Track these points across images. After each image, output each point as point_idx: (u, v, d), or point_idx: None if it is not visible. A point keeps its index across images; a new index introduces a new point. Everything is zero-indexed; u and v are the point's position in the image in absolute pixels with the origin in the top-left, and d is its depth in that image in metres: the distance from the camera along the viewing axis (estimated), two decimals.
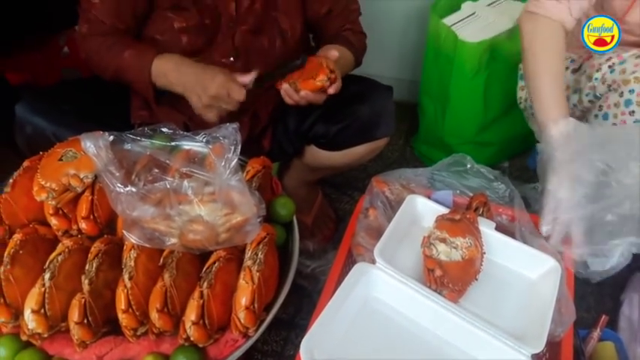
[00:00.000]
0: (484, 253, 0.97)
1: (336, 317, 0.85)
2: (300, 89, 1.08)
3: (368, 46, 1.35)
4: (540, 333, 0.82)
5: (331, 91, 1.08)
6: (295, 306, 1.32)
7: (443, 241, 0.94)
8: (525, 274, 0.98)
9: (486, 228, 1.00)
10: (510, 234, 1.02)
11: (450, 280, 0.89)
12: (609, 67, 1.11)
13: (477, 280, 0.93)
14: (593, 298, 1.35)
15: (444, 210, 1.04)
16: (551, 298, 0.89)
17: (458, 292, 0.89)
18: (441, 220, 0.99)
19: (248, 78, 1.09)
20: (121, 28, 1.13)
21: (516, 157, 1.81)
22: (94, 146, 0.90)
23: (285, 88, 1.10)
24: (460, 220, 0.98)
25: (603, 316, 1.19)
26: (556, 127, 1.02)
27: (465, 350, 0.85)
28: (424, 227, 1.02)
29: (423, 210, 1.06)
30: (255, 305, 0.87)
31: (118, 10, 1.11)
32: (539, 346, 0.80)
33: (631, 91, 1.05)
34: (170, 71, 1.09)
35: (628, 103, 1.06)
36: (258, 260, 0.89)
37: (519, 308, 0.92)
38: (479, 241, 0.97)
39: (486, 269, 0.96)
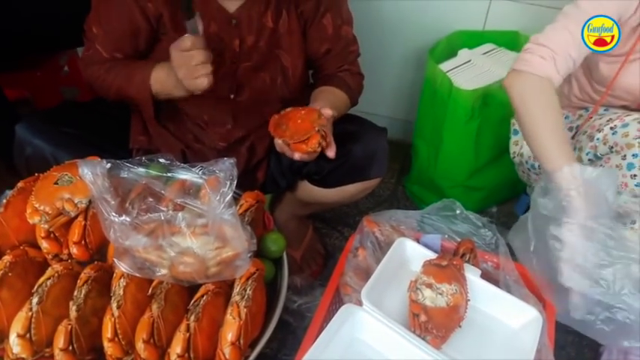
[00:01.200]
0: (468, 300, 0.98)
1: (322, 357, 0.86)
2: (293, 151, 1.06)
3: (366, 85, 1.37)
4: None
5: (330, 154, 1.07)
6: (279, 341, 1.31)
7: (429, 286, 0.96)
8: (508, 322, 1.00)
9: (472, 275, 1.02)
10: (495, 281, 1.05)
11: (434, 326, 0.90)
12: (611, 128, 1.13)
13: (460, 327, 0.95)
14: (573, 349, 1.36)
15: (431, 255, 1.05)
16: (532, 347, 0.91)
17: (441, 339, 0.90)
18: (428, 266, 1.01)
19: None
20: (120, 58, 1.16)
21: (504, 203, 1.84)
22: (91, 173, 0.91)
23: (279, 144, 1.07)
24: (447, 266, 1.00)
25: None
26: (562, 175, 1.00)
27: None
28: (412, 271, 1.04)
29: (412, 254, 1.08)
30: (241, 341, 0.87)
31: (119, 43, 1.15)
32: None
33: (634, 155, 1.07)
34: (165, 77, 1.10)
35: (630, 166, 1.08)
36: (246, 296, 0.90)
37: (500, 357, 0.93)
38: (464, 288, 0.98)
39: (470, 316, 0.97)
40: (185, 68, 1.02)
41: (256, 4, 1.14)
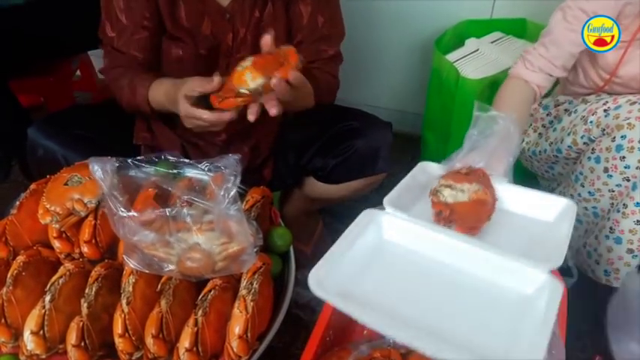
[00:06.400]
0: (496, 199, 0.95)
1: (345, 256, 0.82)
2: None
3: (372, 78, 1.35)
4: (561, 251, 0.80)
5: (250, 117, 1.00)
6: (291, 335, 1.32)
7: (449, 187, 0.93)
8: (541, 217, 0.96)
9: (497, 183, 0.98)
10: None
11: (458, 217, 0.88)
12: (604, 110, 1.12)
13: (489, 220, 0.92)
14: (589, 338, 1.34)
15: None
16: (567, 235, 0.87)
17: (468, 229, 0.88)
18: (448, 174, 0.97)
19: (213, 85, 0.99)
20: (140, 58, 1.17)
21: None
22: (100, 170, 0.92)
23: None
24: (468, 173, 0.96)
25: (597, 358, 1.19)
26: None
27: (481, 277, 0.82)
28: None
29: (435, 174, 1.03)
30: (249, 334, 0.88)
31: (135, 41, 1.16)
32: (559, 261, 0.78)
33: (623, 137, 1.07)
34: (162, 101, 1.11)
35: (619, 148, 1.08)
36: (253, 290, 0.91)
37: (536, 247, 0.89)
38: (489, 189, 0.95)
39: (501, 218, 0.94)
40: (200, 128, 1.05)
41: None
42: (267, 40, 0.99)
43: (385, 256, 0.87)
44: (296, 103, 1.05)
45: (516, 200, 0.98)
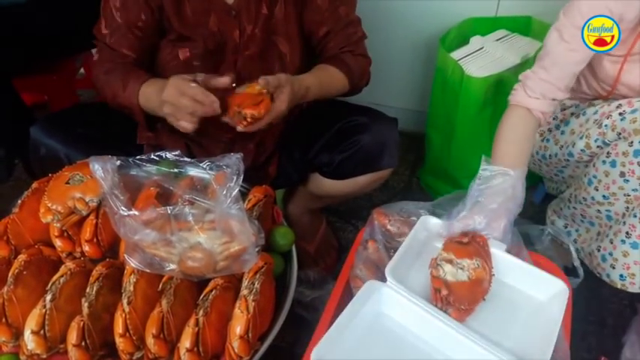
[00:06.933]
0: (493, 274, 0.97)
1: (346, 332, 0.86)
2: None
3: (376, 77, 1.34)
4: (545, 352, 0.83)
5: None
6: (294, 335, 1.31)
7: (449, 262, 0.94)
8: (534, 295, 0.98)
9: (497, 249, 1.00)
10: None
11: (455, 299, 0.89)
12: (620, 114, 1.10)
13: (484, 300, 0.93)
14: (594, 339, 1.33)
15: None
16: (559, 319, 0.89)
17: (464, 312, 0.89)
18: (448, 243, 0.99)
19: (222, 80, 1.04)
20: (132, 57, 1.17)
21: None
22: (101, 169, 0.92)
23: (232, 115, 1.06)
24: (468, 243, 0.98)
25: (602, 358, 1.18)
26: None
27: None
28: (436, 247, 1.02)
29: (437, 231, 1.06)
30: (250, 335, 0.87)
31: (127, 39, 1.16)
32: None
33: None
34: (152, 96, 1.10)
35: (637, 153, 1.06)
36: (254, 290, 0.90)
37: (527, 329, 0.92)
38: (487, 262, 0.96)
39: (495, 290, 0.96)
40: (173, 108, 1.02)
41: None
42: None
43: (382, 332, 0.91)
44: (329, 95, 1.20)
45: (512, 273, 1.00)
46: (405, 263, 0.97)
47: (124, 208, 0.90)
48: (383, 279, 1.02)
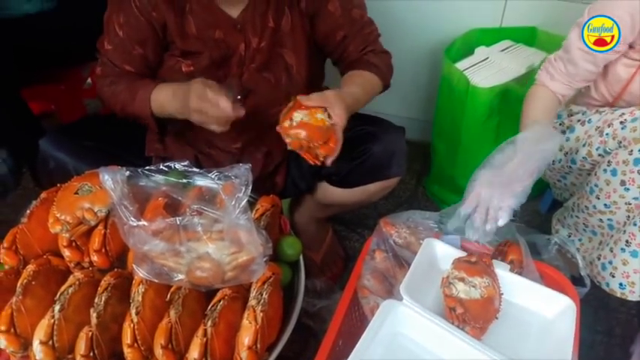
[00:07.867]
0: (502, 293, 0.97)
1: (366, 354, 0.85)
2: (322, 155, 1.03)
3: None
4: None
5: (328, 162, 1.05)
6: (301, 345, 1.31)
7: (461, 280, 0.94)
8: (542, 313, 0.98)
9: (501, 270, 1.01)
10: None
11: (471, 317, 0.89)
12: (621, 122, 1.11)
13: (497, 318, 0.93)
14: (602, 349, 1.32)
15: (460, 254, 1.04)
16: (569, 335, 0.89)
17: (480, 330, 0.89)
18: (458, 262, 1.00)
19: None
20: (133, 72, 1.18)
21: (528, 200, 1.80)
22: (111, 180, 0.93)
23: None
24: (476, 262, 0.99)
25: None
26: None
27: None
28: (441, 269, 1.03)
29: (441, 253, 1.07)
30: (258, 345, 0.87)
31: (129, 55, 1.17)
32: None
33: None
34: (166, 102, 1.12)
35: (637, 162, 1.06)
36: (262, 300, 0.90)
37: (539, 346, 0.93)
38: (496, 282, 0.97)
39: (504, 309, 0.96)
40: (201, 116, 1.06)
41: (258, 6, 1.15)
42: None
43: (402, 352, 0.91)
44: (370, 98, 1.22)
45: (518, 292, 1.00)
46: (415, 283, 0.97)
47: (133, 219, 0.90)
48: (390, 289, 1.02)
